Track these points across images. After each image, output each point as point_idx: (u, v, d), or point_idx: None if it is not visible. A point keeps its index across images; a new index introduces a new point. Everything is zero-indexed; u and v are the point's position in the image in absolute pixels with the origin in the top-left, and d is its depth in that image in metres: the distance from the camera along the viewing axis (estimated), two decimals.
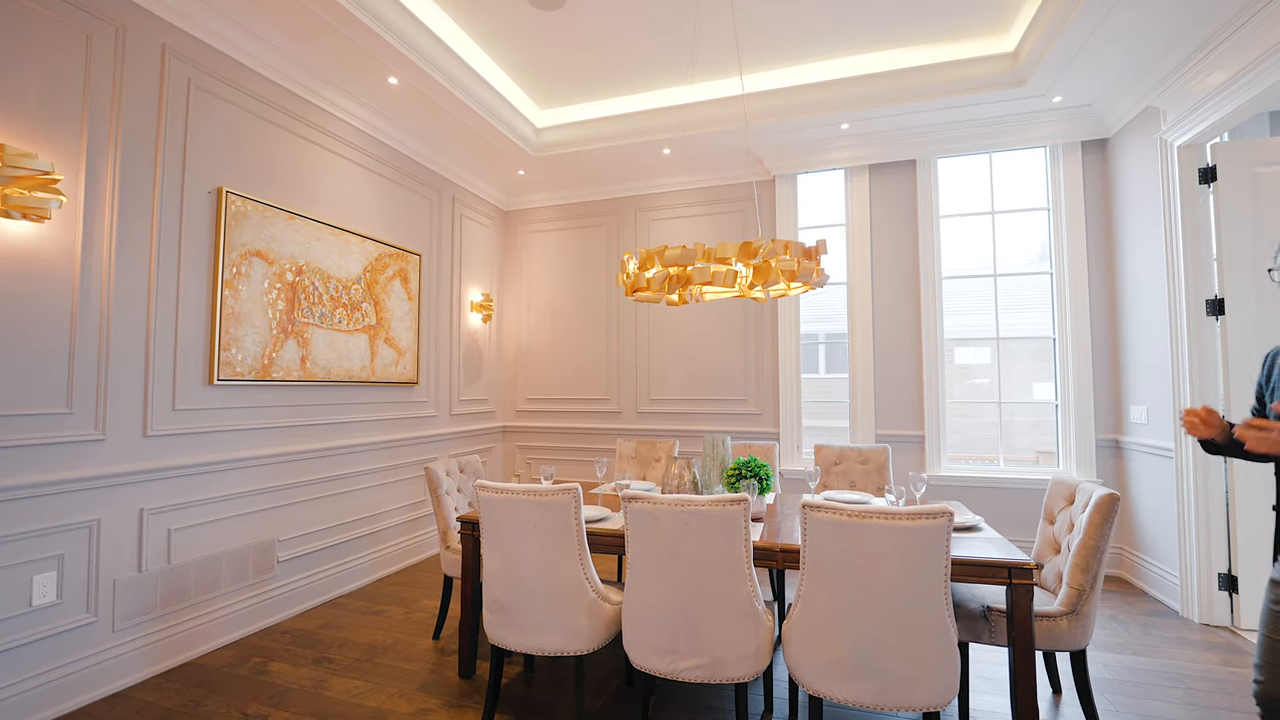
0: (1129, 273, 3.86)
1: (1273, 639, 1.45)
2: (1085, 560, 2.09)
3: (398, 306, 4.17)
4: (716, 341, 4.94)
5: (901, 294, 4.49)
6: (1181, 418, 1.55)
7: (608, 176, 5.16)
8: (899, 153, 4.45)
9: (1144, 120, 3.63)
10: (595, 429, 5.24)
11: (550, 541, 2.03)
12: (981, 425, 4.62)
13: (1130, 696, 2.46)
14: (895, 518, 1.63)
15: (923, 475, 2.55)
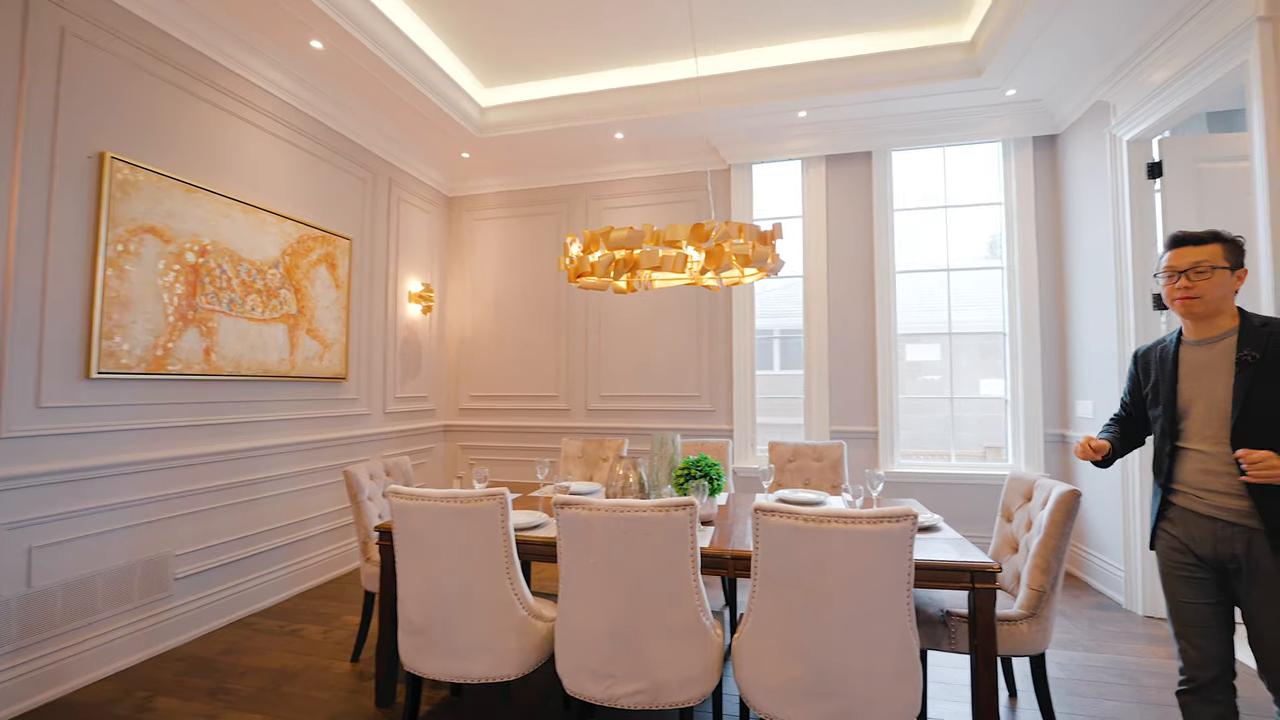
0: (1078, 268, 3.88)
1: (1178, 604, 1.64)
2: (1046, 560, 2.00)
3: (323, 294, 3.82)
4: (670, 337, 4.76)
5: (856, 288, 4.41)
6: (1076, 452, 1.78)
7: (558, 161, 4.91)
8: (855, 144, 4.37)
9: (1094, 115, 3.64)
10: (543, 427, 4.99)
11: (475, 553, 1.79)
12: (932, 421, 4.60)
13: (1084, 697, 2.40)
14: (856, 521, 1.47)
15: (879, 472, 2.42)
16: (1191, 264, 1.61)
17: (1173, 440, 1.68)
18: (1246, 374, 1.54)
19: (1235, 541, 1.54)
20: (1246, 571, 1.52)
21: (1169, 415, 1.69)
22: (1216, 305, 1.61)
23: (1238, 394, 1.54)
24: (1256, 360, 1.53)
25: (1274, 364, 1.51)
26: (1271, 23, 2.42)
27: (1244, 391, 1.53)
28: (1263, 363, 1.53)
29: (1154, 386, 1.75)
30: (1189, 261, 1.62)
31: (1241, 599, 1.55)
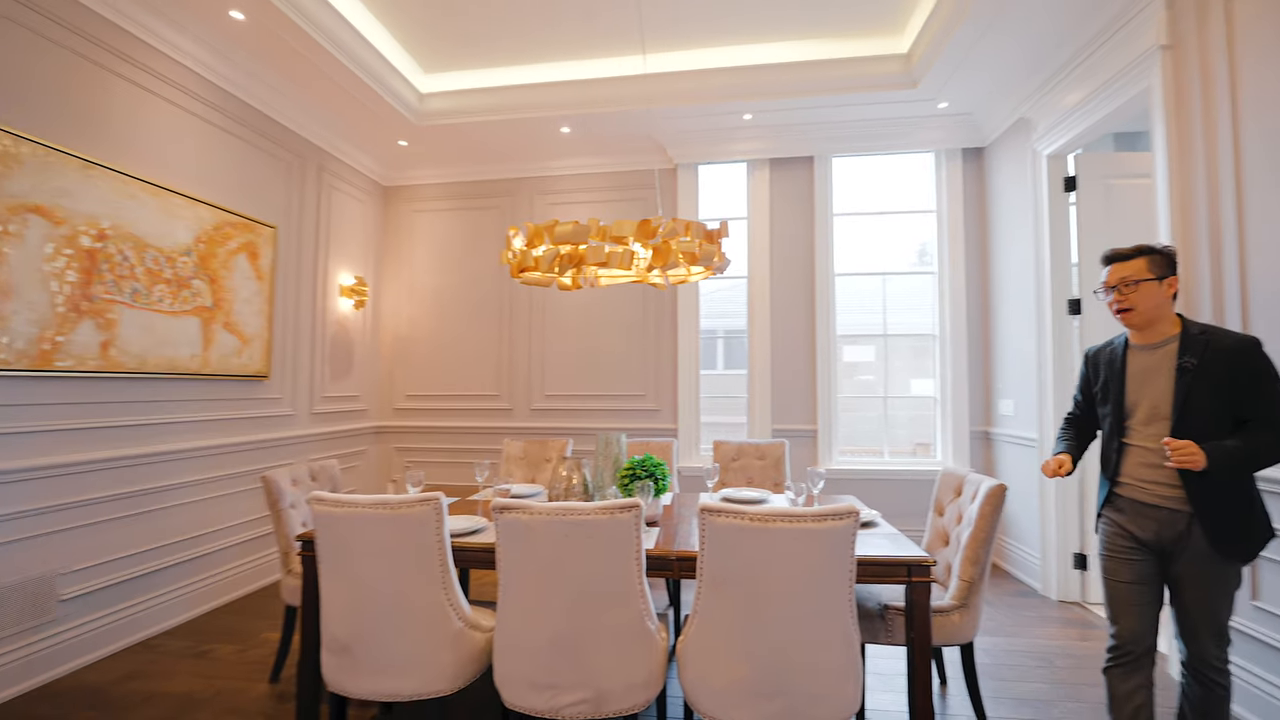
0: (1001, 274, 4.10)
1: (1113, 582, 1.79)
2: (975, 552, 2.08)
3: (243, 286, 3.54)
4: (615, 335, 4.72)
5: (798, 290, 4.50)
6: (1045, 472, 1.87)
7: (502, 154, 4.77)
8: (798, 148, 4.46)
9: (1016, 131, 3.86)
10: (483, 428, 4.83)
11: (407, 563, 1.68)
12: (866, 419, 4.77)
13: (1006, 680, 2.52)
14: (801, 520, 1.47)
15: (820, 470, 2.46)
16: (1120, 279, 1.75)
17: (1120, 436, 1.81)
18: (1185, 379, 1.66)
19: (1177, 525, 1.68)
20: (1183, 552, 1.67)
21: (1117, 413, 1.81)
22: (1151, 314, 1.73)
23: (1178, 397, 1.67)
24: (1195, 367, 1.66)
25: (1209, 371, 1.64)
26: (1173, 50, 2.62)
27: (1183, 395, 1.66)
28: (1199, 369, 1.65)
29: (1104, 386, 1.87)
30: (1118, 277, 1.76)
31: (1175, 576, 1.70)
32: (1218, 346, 1.65)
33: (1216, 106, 2.38)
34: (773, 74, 3.87)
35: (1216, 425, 1.63)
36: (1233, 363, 1.62)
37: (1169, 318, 1.75)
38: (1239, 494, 1.64)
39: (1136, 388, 1.78)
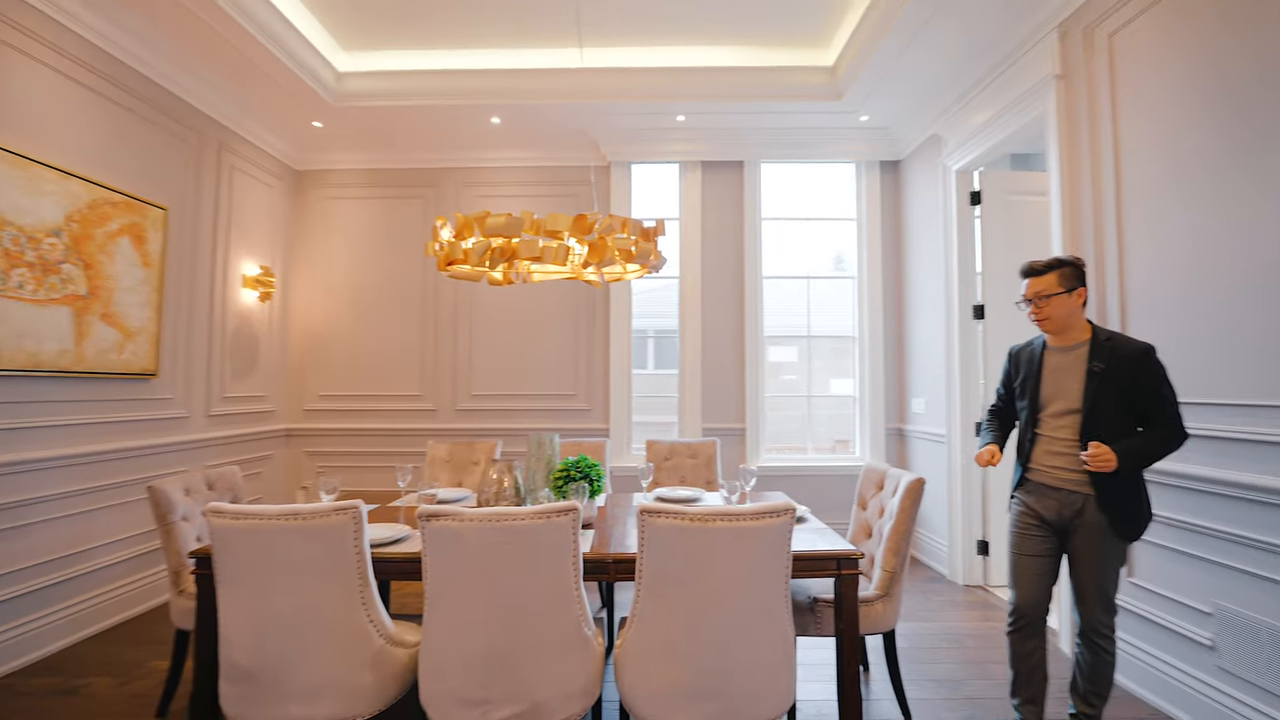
0: (914, 280, 4.36)
1: (1019, 555, 1.99)
2: (897, 543, 2.18)
3: (126, 273, 3.17)
4: (546, 333, 4.62)
5: (728, 291, 4.59)
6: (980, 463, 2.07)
7: (428, 142, 4.55)
8: (729, 153, 4.54)
9: (929, 146, 4.12)
10: (405, 430, 4.59)
11: (321, 578, 1.55)
12: (790, 418, 4.94)
13: (922, 663, 2.67)
14: (740, 518, 1.48)
15: (751, 468, 2.51)
16: (1035, 293, 1.95)
17: (1033, 428, 2.02)
18: (1094, 381, 1.87)
19: (1075, 505, 1.90)
20: (1079, 529, 1.90)
21: (1032, 407, 2.01)
22: (1064, 322, 1.93)
23: (1087, 397, 1.87)
24: (1102, 370, 1.86)
25: (1114, 375, 1.85)
26: (1065, 80, 2.87)
27: (1092, 395, 1.87)
28: (1105, 373, 1.86)
29: (1023, 382, 2.07)
30: (1033, 291, 1.96)
31: (1072, 550, 1.93)
32: (1121, 354, 1.86)
33: (1101, 132, 2.63)
34: (706, 77, 3.92)
35: (1119, 421, 1.85)
36: (1135, 369, 1.83)
37: (1080, 324, 1.95)
38: (1132, 483, 1.86)
39: (1051, 386, 1.97)
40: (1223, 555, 2.02)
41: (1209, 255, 2.10)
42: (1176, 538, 2.19)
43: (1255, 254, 1.94)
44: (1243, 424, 1.96)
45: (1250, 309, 1.96)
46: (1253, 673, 1.92)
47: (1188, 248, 2.18)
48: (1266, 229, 1.91)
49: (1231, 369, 2.01)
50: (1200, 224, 2.13)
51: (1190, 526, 2.13)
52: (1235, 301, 2.01)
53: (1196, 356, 2.14)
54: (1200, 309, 2.13)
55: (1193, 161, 2.17)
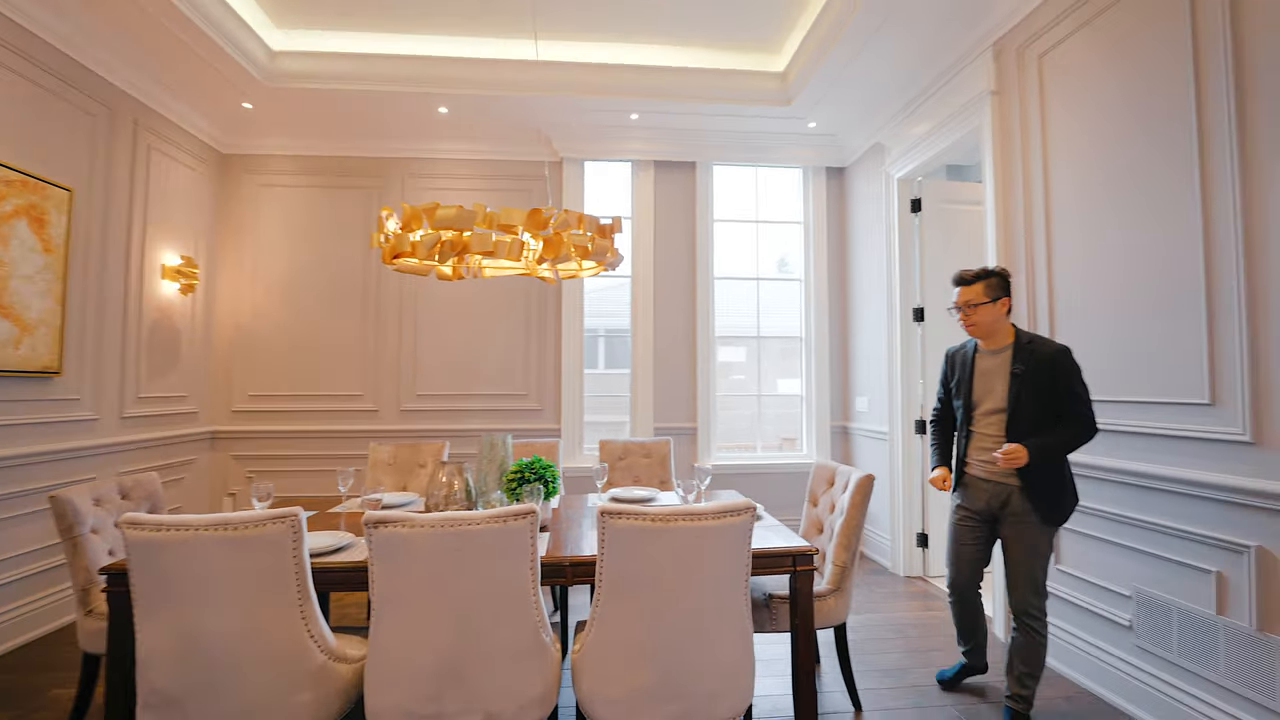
0: (858, 284, 4.51)
1: (956, 545, 2.24)
2: (847, 539, 2.24)
3: (24, 260, 2.86)
4: (495, 331, 4.50)
5: (680, 291, 4.61)
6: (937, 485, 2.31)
7: (371, 129, 4.34)
8: (682, 153, 4.56)
9: (872, 155, 4.26)
10: (345, 432, 4.37)
11: (256, 593, 1.43)
12: (739, 416, 5.02)
13: (870, 654, 2.75)
14: (701, 518, 1.47)
15: (706, 467, 2.52)
16: (964, 301, 2.14)
17: (968, 426, 2.22)
18: (1016, 383, 2.05)
19: (1002, 496, 2.10)
20: (1008, 517, 2.09)
21: (966, 407, 2.21)
22: (990, 328, 2.12)
23: (1011, 397, 2.05)
24: (1023, 373, 2.04)
25: (1034, 376, 2.03)
26: (1000, 96, 3.03)
27: (1015, 395, 2.04)
28: (1026, 374, 2.04)
29: (957, 383, 2.26)
30: (963, 300, 2.15)
31: (1003, 537, 2.13)
32: (1040, 355, 2.03)
33: (1031, 146, 2.78)
34: (660, 77, 3.91)
35: (1040, 418, 2.02)
36: (1052, 369, 2.01)
37: (1005, 329, 2.14)
38: (1055, 473, 2.05)
39: (981, 387, 2.16)
40: (1142, 542, 2.17)
41: (1133, 263, 2.26)
42: (1102, 527, 2.34)
43: (1166, 262, 2.10)
44: (1165, 421, 2.11)
45: (1164, 312, 2.11)
46: (1165, 650, 2.07)
47: (1114, 255, 2.34)
48: (1188, 239, 2.06)
49: (1163, 369, 2.17)
50: (1127, 234, 2.29)
51: (1114, 516, 2.28)
52: (1149, 305, 2.17)
53: (1125, 358, 2.29)
54: (1126, 314, 2.29)
55: (1122, 176, 2.33)
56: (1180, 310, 2.05)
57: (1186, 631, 2.00)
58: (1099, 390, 2.34)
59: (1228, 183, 1.90)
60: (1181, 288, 2.05)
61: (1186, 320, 2.03)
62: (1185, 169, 2.04)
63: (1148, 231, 2.18)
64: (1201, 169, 1.99)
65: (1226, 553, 1.88)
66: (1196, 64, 2.00)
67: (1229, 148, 1.90)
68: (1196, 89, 2.00)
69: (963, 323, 2.15)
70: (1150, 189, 2.17)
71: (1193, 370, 2.00)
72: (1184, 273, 2.04)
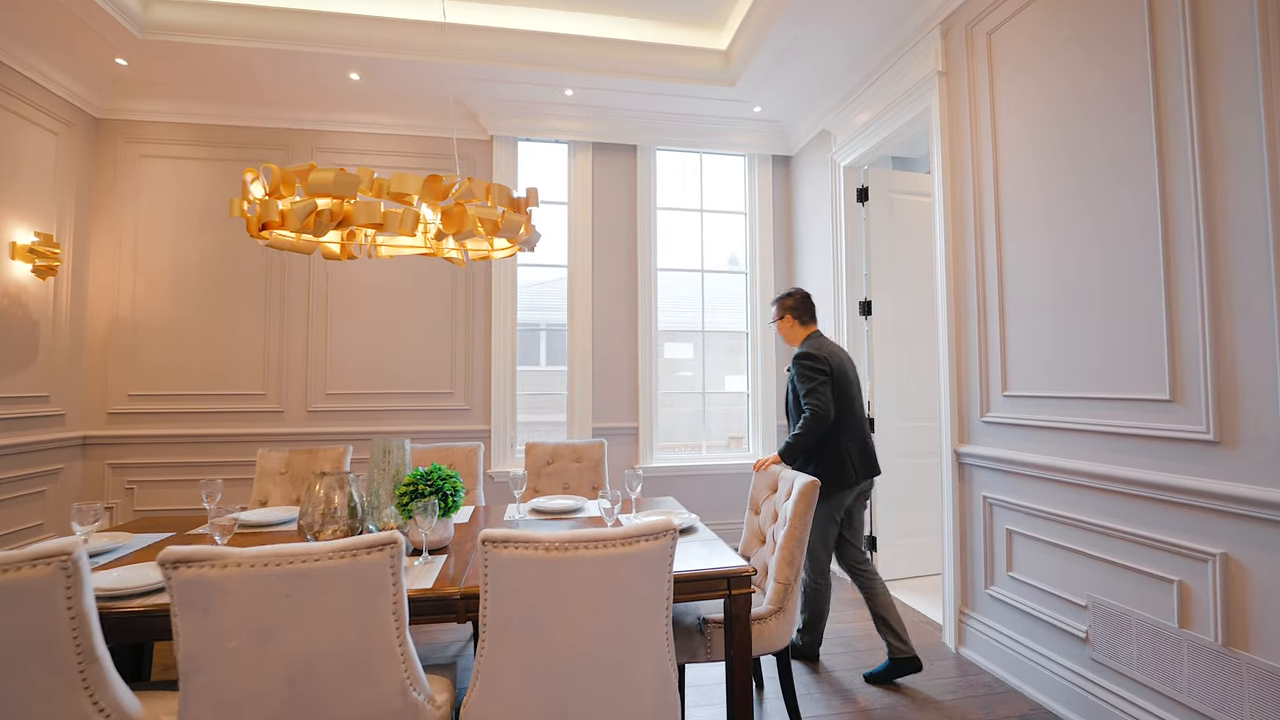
0: (804, 276, 4.34)
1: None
2: (790, 552, 2.00)
3: None
4: (418, 323, 4.10)
5: (620, 283, 4.33)
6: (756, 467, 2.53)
7: (273, 95, 3.87)
8: (622, 135, 4.28)
9: (819, 142, 4.09)
10: (244, 436, 3.89)
11: (14, 656, 1.06)
12: (684, 415, 4.78)
13: (813, 672, 2.54)
14: (608, 545, 1.19)
15: (638, 470, 2.25)
16: (773, 319, 2.75)
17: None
18: (788, 380, 2.58)
19: None
20: None
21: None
22: (789, 338, 2.70)
23: (785, 392, 2.64)
24: (789, 374, 2.56)
25: (790, 376, 2.54)
26: (948, 77, 2.88)
27: (785, 392, 2.57)
28: (790, 375, 2.54)
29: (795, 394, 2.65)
30: (773, 315, 2.76)
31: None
32: (794, 359, 2.53)
33: (981, 130, 2.63)
34: (594, 49, 3.62)
35: (798, 407, 2.49)
36: (792, 368, 2.52)
37: (799, 339, 2.66)
38: (805, 461, 2.47)
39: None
40: (1098, 548, 2.03)
41: (1088, 250, 2.11)
42: (1055, 532, 2.20)
43: (1124, 249, 1.96)
44: (1123, 419, 1.97)
45: (1122, 302, 1.97)
46: (1125, 664, 1.93)
47: (1069, 243, 2.19)
48: (1145, 225, 1.92)
49: (1119, 363, 2.02)
50: (1082, 220, 2.14)
51: (1069, 520, 2.14)
52: (1105, 295, 2.02)
53: (1078, 352, 2.15)
54: (1080, 304, 2.14)
55: (1077, 159, 2.18)
56: (1139, 300, 1.91)
57: (1146, 645, 1.85)
58: (1049, 386, 2.20)
59: (1187, 163, 1.76)
60: (1140, 276, 1.91)
61: (1145, 311, 1.89)
62: (1142, 149, 1.89)
63: (1103, 217, 2.04)
64: (1159, 148, 1.84)
65: (1189, 561, 1.74)
66: (1153, 37, 1.86)
67: (1188, 124, 1.76)
68: (1154, 65, 1.86)
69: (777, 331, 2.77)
70: (1106, 172, 2.03)
71: (1153, 364, 1.86)
72: (1142, 261, 1.90)
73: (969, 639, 2.64)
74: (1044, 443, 2.24)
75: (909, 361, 3.68)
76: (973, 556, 2.62)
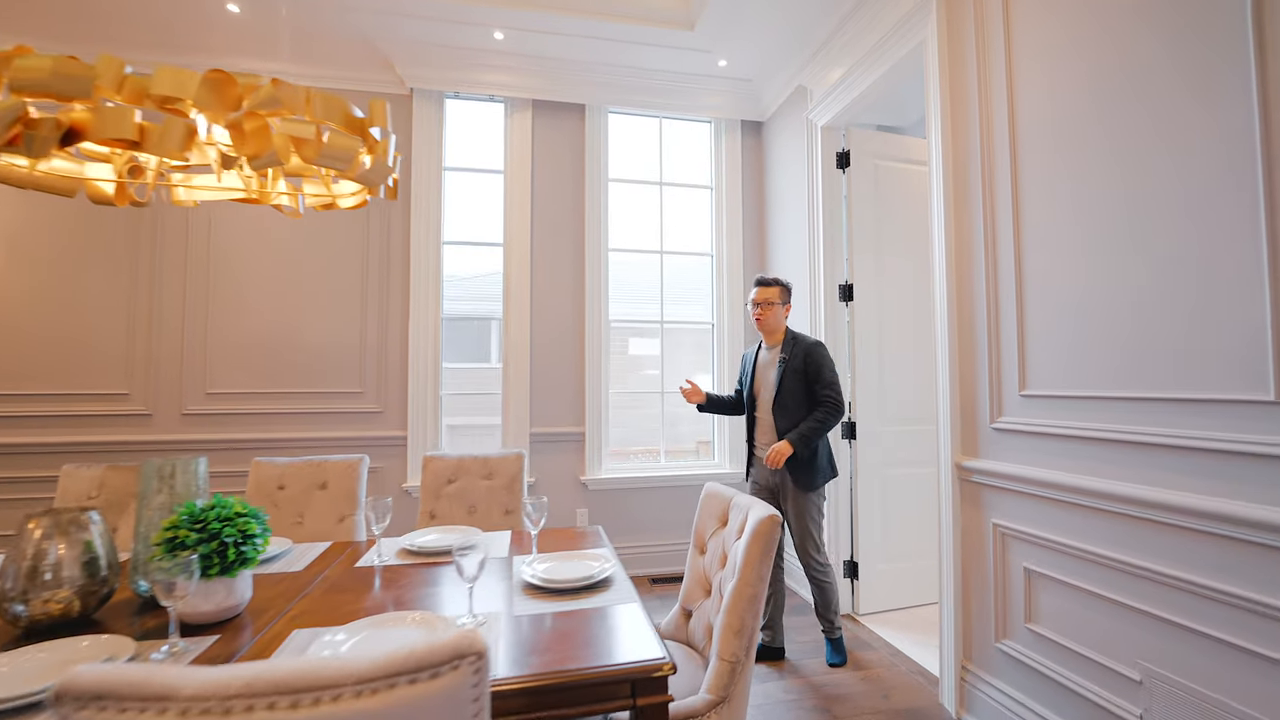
0: (778, 258, 3.78)
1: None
2: (740, 617, 1.42)
3: None
4: (321, 309, 3.46)
5: (565, 265, 3.73)
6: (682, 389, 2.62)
7: (134, 33, 3.19)
8: (567, 91, 3.68)
9: (794, 102, 3.53)
10: (103, 444, 3.21)
11: None
12: (650, 417, 4.20)
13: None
14: (326, 695, 0.58)
15: (542, 499, 1.67)
16: (763, 299, 2.52)
17: (751, 412, 2.61)
18: (782, 368, 2.46)
19: (777, 475, 2.51)
20: (783, 490, 2.50)
21: (749, 396, 2.61)
22: (774, 325, 2.54)
23: (777, 378, 2.46)
24: (787, 360, 2.46)
25: (794, 362, 2.45)
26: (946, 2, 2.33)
27: (780, 376, 2.45)
28: (789, 360, 2.46)
29: (745, 376, 2.65)
30: (762, 298, 2.52)
31: (784, 509, 2.50)
32: (801, 346, 2.47)
33: (992, 67, 2.08)
34: None
35: (801, 397, 2.44)
36: (807, 357, 2.44)
37: (783, 329, 2.56)
38: (809, 453, 2.42)
39: (760, 377, 2.57)
40: (1159, 605, 1.48)
41: (1140, 205, 1.56)
42: (1096, 577, 1.65)
43: (1193, 202, 1.41)
44: (1198, 427, 1.42)
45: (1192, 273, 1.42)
46: None
47: (1112, 194, 1.64)
48: (1229, 167, 1.37)
49: (1185, 349, 1.47)
50: (1134, 161, 1.59)
51: (1113, 564, 1.59)
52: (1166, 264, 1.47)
53: (1121, 335, 1.60)
54: (1128, 279, 1.59)
55: (1125, 90, 1.63)
56: (1222, 263, 1.36)
57: None
58: (1082, 383, 1.66)
59: None
60: (1222, 235, 1.36)
61: (1232, 277, 1.34)
62: (1237, 54, 1.35)
63: (1170, 154, 1.49)
64: (1259, 50, 1.30)
65: None
66: None
67: None
68: None
69: (756, 317, 2.53)
70: (1170, 105, 1.48)
71: (1246, 350, 1.31)
72: (1224, 213, 1.35)
73: (974, 704, 2.08)
74: (1078, 457, 1.69)
75: (896, 354, 3.14)
76: (979, 599, 2.07)
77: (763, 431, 2.54)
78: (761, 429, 2.54)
